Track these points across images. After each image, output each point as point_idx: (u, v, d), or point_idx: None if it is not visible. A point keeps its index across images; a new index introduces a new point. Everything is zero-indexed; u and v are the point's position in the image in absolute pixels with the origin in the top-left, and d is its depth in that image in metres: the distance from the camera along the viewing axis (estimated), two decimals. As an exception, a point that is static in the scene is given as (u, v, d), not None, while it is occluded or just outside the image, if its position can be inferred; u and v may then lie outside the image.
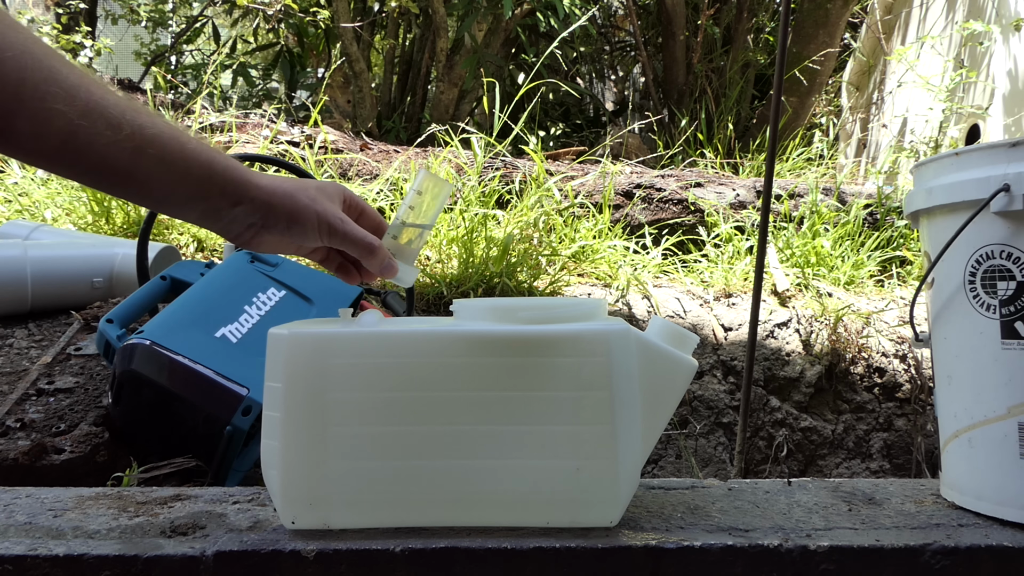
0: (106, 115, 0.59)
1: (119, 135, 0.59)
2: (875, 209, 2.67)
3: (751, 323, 1.44)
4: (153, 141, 0.61)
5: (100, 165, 0.61)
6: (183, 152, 0.63)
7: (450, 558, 0.64)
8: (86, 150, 0.59)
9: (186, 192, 0.65)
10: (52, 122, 0.57)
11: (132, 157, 0.60)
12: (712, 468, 1.89)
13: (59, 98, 0.57)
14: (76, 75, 0.59)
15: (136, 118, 0.60)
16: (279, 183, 0.69)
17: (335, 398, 0.66)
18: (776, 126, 1.44)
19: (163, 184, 0.63)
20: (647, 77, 4.52)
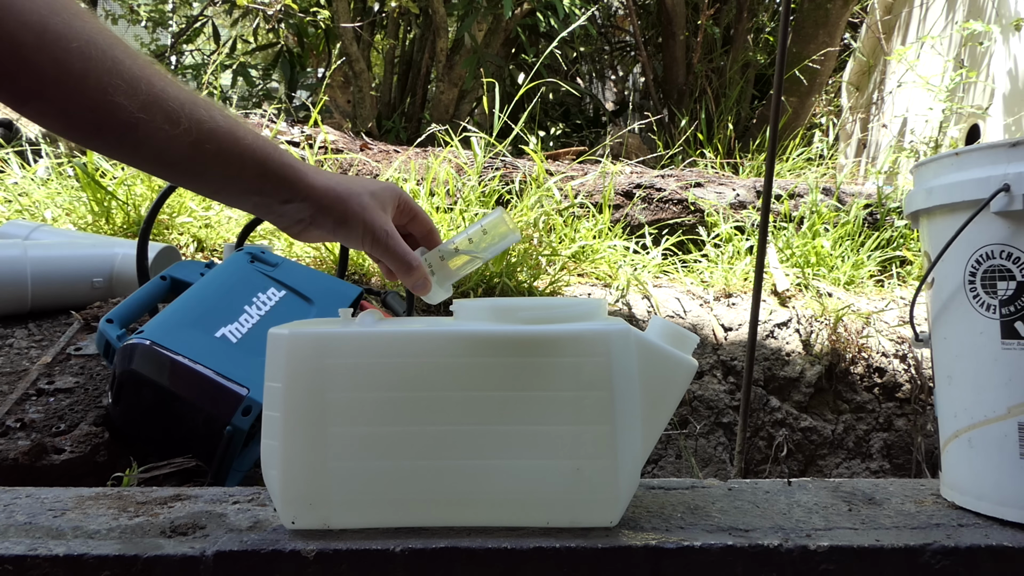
0: (165, 109, 0.60)
1: (177, 130, 0.60)
2: (875, 209, 2.67)
3: (751, 323, 1.44)
4: (210, 136, 0.62)
5: (158, 158, 0.62)
6: (238, 148, 0.64)
7: (450, 558, 0.64)
8: (145, 143, 0.60)
9: (240, 187, 0.66)
10: (113, 115, 0.58)
11: (189, 151, 0.62)
12: (712, 468, 1.89)
13: (121, 91, 0.57)
14: (138, 66, 0.59)
15: (194, 112, 0.61)
16: (334, 184, 0.70)
17: (335, 398, 0.66)
18: (776, 126, 1.44)
19: (218, 178, 0.65)
20: (647, 77, 4.52)
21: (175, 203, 2.14)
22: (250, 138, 0.64)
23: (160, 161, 0.63)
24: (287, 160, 0.67)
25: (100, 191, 2.08)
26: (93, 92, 0.57)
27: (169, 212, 2.12)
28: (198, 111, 0.61)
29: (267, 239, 2.15)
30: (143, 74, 0.59)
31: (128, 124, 0.59)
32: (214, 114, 0.62)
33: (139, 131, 0.59)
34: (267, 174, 0.66)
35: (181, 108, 0.60)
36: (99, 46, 0.57)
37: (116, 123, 0.58)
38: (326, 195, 0.69)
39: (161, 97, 0.59)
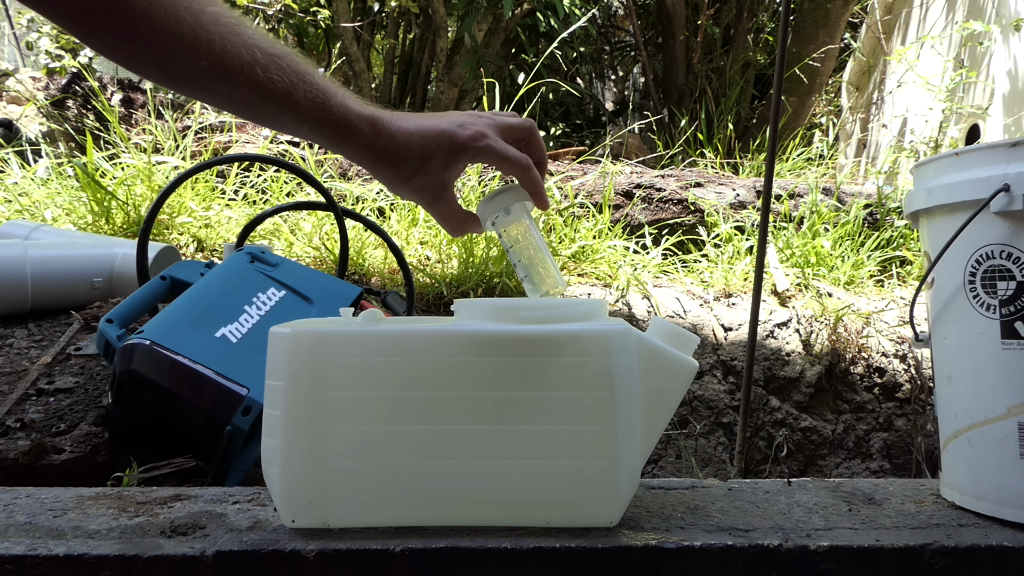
0: (224, 71, 0.64)
1: (236, 91, 0.66)
2: (875, 209, 2.67)
3: (751, 323, 1.44)
4: (268, 98, 0.67)
5: (225, 107, 0.69)
6: (295, 111, 0.68)
7: (450, 558, 0.64)
8: (211, 98, 0.67)
9: (304, 134, 0.71)
10: (179, 75, 0.64)
11: (250, 108, 0.68)
12: (712, 468, 1.89)
13: (182, 57, 0.63)
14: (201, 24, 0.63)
15: (252, 74, 0.65)
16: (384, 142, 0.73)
17: (336, 397, 0.66)
18: (776, 126, 1.44)
19: (282, 126, 0.71)
20: (647, 77, 4.52)
21: (175, 203, 2.14)
22: (304, 102, 0.68)
23: (228, 110, 0.70)
24: (343, 122, 0.71)
25: (100, 191, 2.08)
26: (158, 55, 0.62)
27: (169, 212, 2.12)
28: (255, 73, 0.65)
29: (267, 239, 2.15)
30: (204, 35, 0.63)
31: (193, 83, 0.65)
32: (272, 74, 0.66)
33: (204, 89, 0.66)
34: (322, 135, 0.71)
35: (241, 70, 0.65)
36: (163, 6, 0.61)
37: (183, 81, 0.65)
38: (376, 160, 0.73)
39: (221, 59, 0.64)
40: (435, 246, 2.21)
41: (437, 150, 0.74)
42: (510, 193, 0.80)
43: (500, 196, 0.80)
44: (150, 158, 2.28)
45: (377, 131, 0.72)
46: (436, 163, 0.74)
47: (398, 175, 0.75)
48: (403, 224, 2.30)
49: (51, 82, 3.23)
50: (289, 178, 2.43)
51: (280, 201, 2.35)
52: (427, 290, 1.98)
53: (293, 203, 1.93)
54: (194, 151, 2.57)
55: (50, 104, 2.81)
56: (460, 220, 0.80)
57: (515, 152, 0.77)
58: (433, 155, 0.74)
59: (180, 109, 2.81)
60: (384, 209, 2.42)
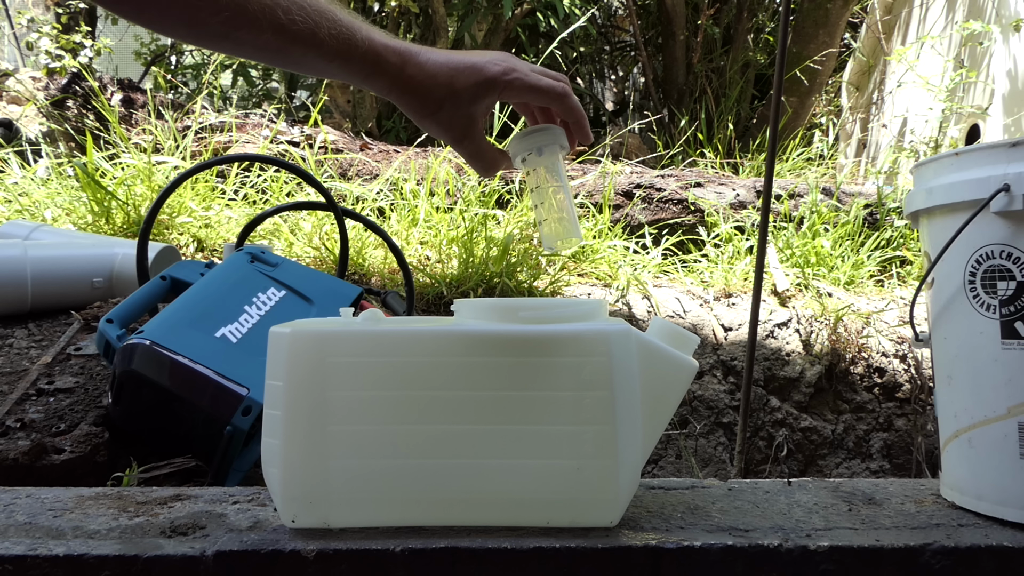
0: (248, 18, 0.65)
1: (261, 37, 0.66)
2: (875, 209, 2.67)
3: (751, 323, 1.44)
4: (293, 40, 0.67)
5: (255, 56, 0.70)
6: (321, 49, 0.69)
7: (450, 558, 0.64)
8: (237, 48, 0.68)
9: (332, 72, 0.72)
10: (204, 31, 0.65)
11: (277, 54, 0.68)
12: (712, 468, 1.89)
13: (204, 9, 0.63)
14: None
15: (274, 17, 0.66)
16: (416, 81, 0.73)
17: (336, 396, 0.66)
18: (776, 126, 1.44)
19: (312, 70, 0.72)
20: (647, 77, 4.52)
21: (175, 203, 2.14)
22: (329, 40, 0.69)
23: (258, 58, 0.71)
24: (370, 55, 0.71)
25: (100, 191, 2.08)
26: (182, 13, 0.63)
27: (169, 212, 2.12)
28: (277, 15, 0.66)
29: (267, 239, 2.15)
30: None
31: (218, 36, 0.66)
32: (294, 15, 0.67)
33: (230, 40, 0.66)
34: (350, 70, 0.71)
35: (262, 14, 0.65)
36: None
37: (208, 36, 0.66)
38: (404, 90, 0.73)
39: (243, 7, 0.65)
40: (435, 246, 2.21)
41: (465, 82, 0.74)
42: (547, 134, 0.79)
43: (536, 134, 0.79)
44: (150, 158, 2.28)
45: (405, 61, 0.73)
46: (464, 96, 0.74)
47: (426, 107, 0.74)
48: (403, 224, 2.30)
49: (51, 82, 3.23)
50: (289, 178, 2.43)
51: (280, 201, 2.35)
52: (427, 290, 1.98)
53: (293, 203, 1.93)
54: (194, 151, 2.57)
55: (50, 104, 2.81)
56: (490, 158, 0.79)
57: (548, 80, 0.77)
58: (461, 87, 0.74)
59: (180, 109, 2.81)
60: (384, 209, 2.42)
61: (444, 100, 0.74)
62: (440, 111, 0.74)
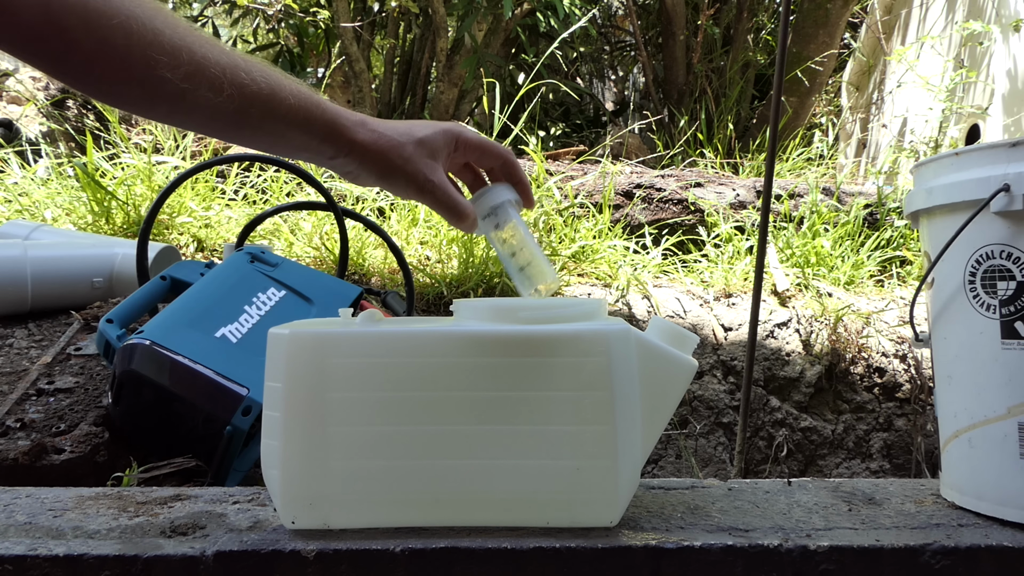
0: (208, 76, 0.61)
1: (220, 96, 0.62)
2: (875, 209, 2.67)
3: (751, 323, 1.44)
4: (253, 100, 0.64)
5: (208, 123, 0.65)
6: (281, 109, 0.66)
7: (450, 558, 0.64)
8: (193, 112, 0.63)
9: (289, 144, 0.69)
10: (160, 88, 0.60)
11: (235, 116, 0.64)
12: (712, 468, 1.89)
13: (164, 64, 0.59)
14: (179, 35, 0.61)
15: (236, 77, 0.63)
16: (376, 137, 0.71)
17: (335, 397, 0.66)
18: (776, 126, 1.44)
19: (266, 137, 0.68)
20: (647, 77, 4.52)
21: (175, 203, 2.14)
22: (292, 99, 0.66)
23: (210, 126, 0.65)
24: (330, 117, 0.69)
25: (100, 191, 2.08)
26: (138, 67, 0.59)
27: (169, 212, 2.12)
28: (239, 75, 0.63)
29: (267, 239, 2.15)
30: (184, 43, 0.60)
31: (175, 95, 0.61)
32: (255, 76, 0.64)
33: (186, 101, 0.61)
34: (311, 133, 0.68)
35: (223, 74, 0.62)
36: (139, 19, 0.58)
37: (164, 95, 0.61)
38: (367, 149, 0.71)
39: (203, 65, 0.61)
40: (435, 246, 2.21)
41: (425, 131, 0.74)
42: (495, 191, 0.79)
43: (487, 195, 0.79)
44: (150, 158, 2.28)
45: (363, 122, 0.72)
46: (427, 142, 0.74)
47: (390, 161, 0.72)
48: (403, 224, 2.30)
49: (51, 82, 3.23)
50: (289, 178, 2.43)
51: (280, 201, 2.35)
52: (427, 290, 1.98)
53: (293, 203, 1.93)
54: (194, 151, 2.57)
55: (50, 104, 2.80)
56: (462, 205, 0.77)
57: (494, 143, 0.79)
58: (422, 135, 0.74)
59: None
60: (384, 209, 2.42)
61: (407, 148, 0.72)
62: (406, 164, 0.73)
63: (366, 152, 0.71)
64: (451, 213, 0.75)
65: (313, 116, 0.68)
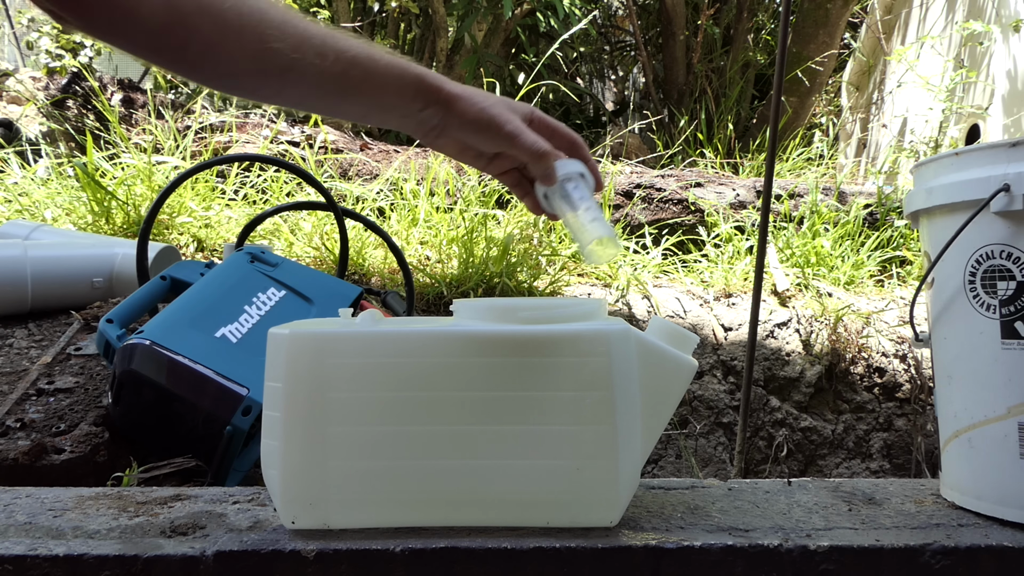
0: (313, 45, 0.66)
1: (326, 62, 0.66)
2: (875, 209, 2.67)
3: (751, 323, 1.44)
4: (354, 62, 0.68)
5: (313, 91, 0.69)
6: (379, 68, 0.70)
7: (450, 558, 0.64)
8: (302, 81, 0.67)
9: (384, 102, 0.72)
10: (273, 60, 0.64)
11: (339, 79, 0.68)
12: (712, 468, 1.89)
13: (274, 37, 0.64)
14: (279, 10, 0.65)
15: (336, 43, 0.67)
16: (466, 89, 0.75)
17: (335, 398, 0.66)
18: (776, 126, 1.44)
19: (364, 99, 0.71)
20: (647, 77, 4.52)
21: (175, 203, 2.14)
22: (387, 57, 0.71)
23: (315, 95, 0.70)
24: (419, 72, 0.73)
25: (100, 191, 2.08)
26: (252, 44, 0.63)
27: (169, 212, 2.12)
28: (338, 42, 0.67)
29: (267, 239, 2.15)
30: (286, 17, 0.65)
31: (285, 66, 0.65)
32: (351, 42, 0.68)
33: (295, 71, 0.65)
34: (404, 88, 0.72)
35: (324, 43, 0.66)
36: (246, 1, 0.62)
37: (275, 68, 0.65)
38: (455, 98, 0.74)
39: (307, 35, 0.65)
40: (435, 246, 2.21)
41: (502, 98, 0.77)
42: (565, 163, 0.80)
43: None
44: (150, 158, 2.28)
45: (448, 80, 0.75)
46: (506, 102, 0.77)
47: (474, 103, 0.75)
48: (403, 224, 2.30)
49: (51, 82, 3.23)
50: (289, 178, 2.43)
51: (280, 201, 2.35)
52: (427, 290, 1.98)
53: (293, 203, 1.93)
54: (194, 151, 2.57)
55: (50, 104, 2.80)
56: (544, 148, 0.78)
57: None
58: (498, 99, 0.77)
59: (180, 109, 2.81)
60: (384, 209, 2.42)
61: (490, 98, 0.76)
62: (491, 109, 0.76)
63: (453, 99, 0.74)
64: (535, 155, 0.76)
65: (406, 72, 0.72)
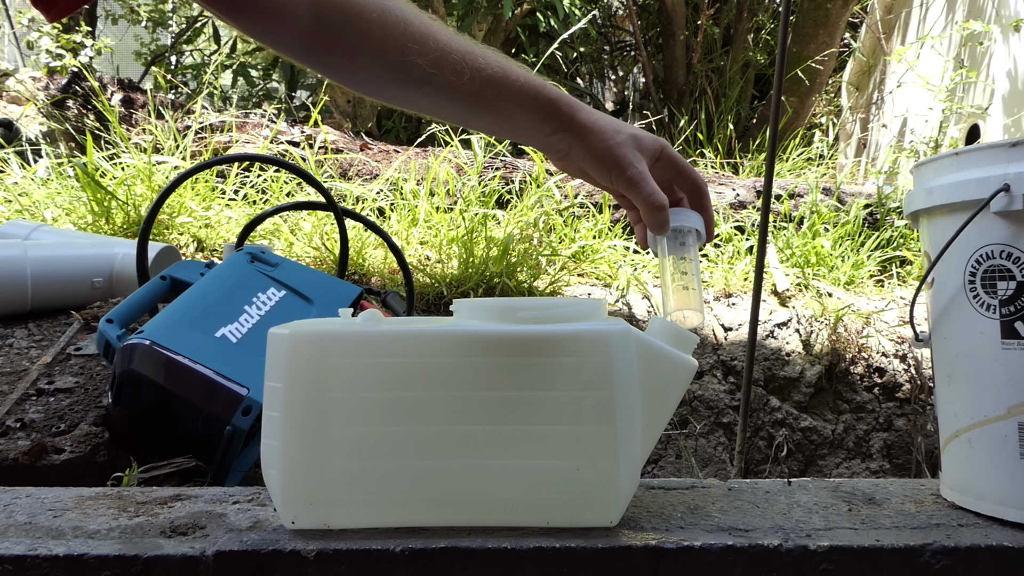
0: (450, 61, 0.66)
1: (462, 79, 0.67)
2: (875, 209, 2.67)
3: (751, 323, 1.44)
4: (489, 82, 0.69)
5: (447, 105, 0.70)
6: (513, 89, 0.71)
7: (450, 558, 0.64)
8: (435, 93, 0.68)
9: (517, 121, 0.73)
10: (410, 73, 0.66)
11: (472, 97, 0.69)
12: (712, 468, 1.89)
13: (414, 51, 0.65)
14: (424, 23, 0.66)
15: (474, 61, 0.68)
16: (599, 121, 0.74)
17: (335, 397, 0.66)
18: (776, 126, 1.44)
19: (496, 116, 0.72)
20: (647, 77, 4.52)
21: (175, 203, 2.14)
22: (522, 79, 0.71)
23: (449, 109, 0.71)
24: (553, 96, 0.73)
25: (100, 191, 2.08)
26: (393, 55, 0.64)
27: (169, 212, 2.12)
28: (476, 59, 0.68)
29: (267, 239, 2.15)
30: (429, 31, 0.65)
31: (422, 80, 0.66)
32: (489, 60, 0.69)
33: (431, 84, 0.67)
34: (537, 111, 0.72)
35: (463, 59, 0.67)
36: (392, 11, 0.64)
37: (412, 80, 0.66)
38: (585, 128, 0.74)
39: (446, 51, 0.66)
40: (435, 246, 2.21)
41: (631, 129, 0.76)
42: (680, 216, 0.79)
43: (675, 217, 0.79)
44: (150, 158, 2.28)
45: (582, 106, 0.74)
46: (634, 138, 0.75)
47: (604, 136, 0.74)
48: (403, 224, 2.30)
49: (51, 82, 3.23)
50: (289, 178, 2.43)
51: (280, 201, 2.35)
52: (427, 290, 1.98)
53: (293, 203, 1.93)
54: (194, 151, 2.57)
55: (50, 104, 2.81)
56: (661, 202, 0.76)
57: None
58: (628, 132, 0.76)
59: (180, 109, 2.81)
60: (384, 209, 2.42)
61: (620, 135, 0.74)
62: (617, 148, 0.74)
63: (583, 130, 0.73)
64: (650, 206, 0.75)
65: (540, 96, 0.72)
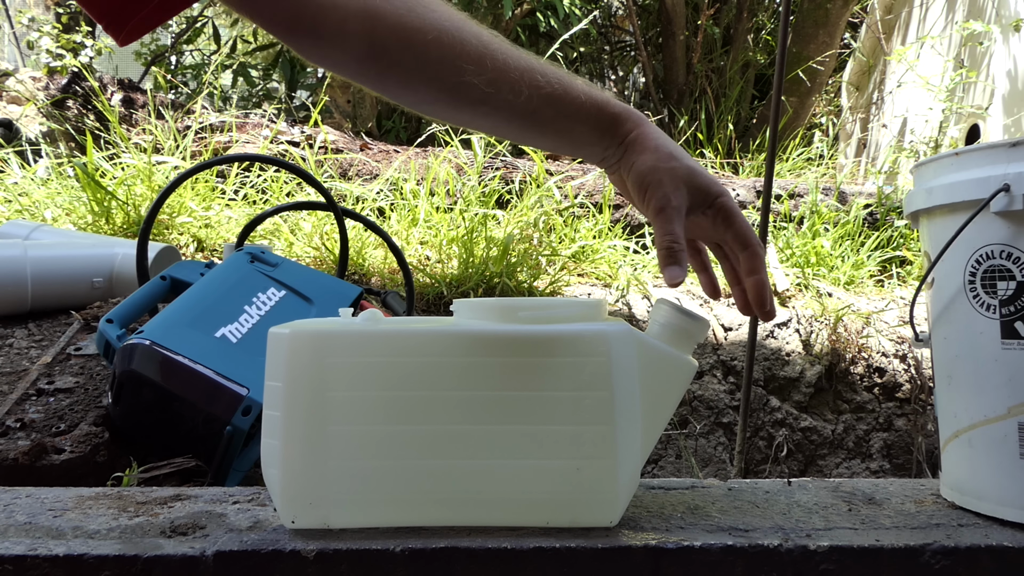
0: (508, 80, 0.65)
1: (519, 99, 0.66)
2: (875, 209, 2.67)
3: (751, 323, 1.44)
4: (548, 101, 0.68)
5: (504, 124, 0.69)
6: (572, 108, 0.69)
7: (450, 558, 0.64)
8: (492, 113, 0.67)
9: (575, 139, 0.72)
10: (467, 93, 0.65)
11: (531, 116, 0.68)
12: (712, 468, 1.89)
13: (470, 71, 0.63)
14: (482, 43, 0.65)
15: (532, 79, 0.67)
16: (657, 140, 0.72)
17: (336, 397, 0.66)
18: (776, 126, 1.44)
19: (555, 134, 0.71)
20: (647, 77, 4.52)
21: (175, 203, 2.14)
22: (583, 95, 0.69)
23: (505, 127, 0.70)
24: (619, 110, 0.71)
25: (100, 191, 2.08)
26: (449, 77, 0.63)
27: (169, 212, 2.12)
28: (535, 78, 0.66)
29: (267, 239, 2.15)
30: (487, 50, 0.64)
31: (478, 100, 0.65)
32: (549, 78, 0.68)
33: (488, 104, 0.65)
34: (598, 126, 0.71)
35: (521, 78, 0.66)
36: (449, 32, 0.63)
37: (469, 100, 0.65)
38: (638, 144, 0.71)
39: (504, 70, 0.65)
40: (435, 246, 2.21)
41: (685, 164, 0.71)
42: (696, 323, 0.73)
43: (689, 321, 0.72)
44: (150, 158, 2.28)
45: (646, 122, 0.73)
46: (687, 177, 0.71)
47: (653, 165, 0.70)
48: (403, 224, 2.30)
49: (51, 82, 3.23)
50: (289, 178, 2.43)
51: (280, 201, 2.35)
52: (427, 290, 1.98)
53: (293, 203, 1.93)
54: (194, 151, 2.57)
55: (50, 104, 2.81)
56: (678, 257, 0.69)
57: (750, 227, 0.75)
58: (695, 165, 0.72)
59: (180, 109, 2.81)
60: (384, 209, 2.42)
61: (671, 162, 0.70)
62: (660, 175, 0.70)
63: (635, 144, 0.71)
64: (660, 255, 0.69)
65: (604, 111, 0.71)
